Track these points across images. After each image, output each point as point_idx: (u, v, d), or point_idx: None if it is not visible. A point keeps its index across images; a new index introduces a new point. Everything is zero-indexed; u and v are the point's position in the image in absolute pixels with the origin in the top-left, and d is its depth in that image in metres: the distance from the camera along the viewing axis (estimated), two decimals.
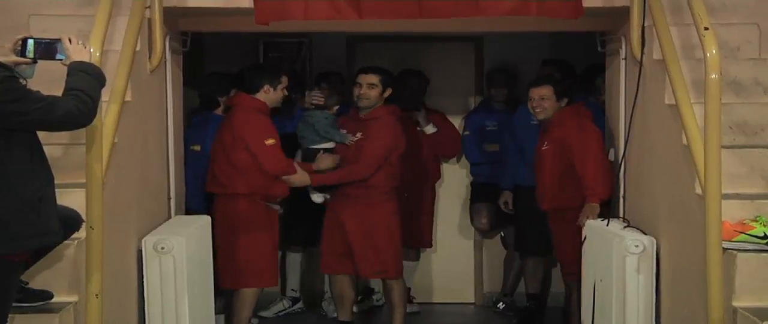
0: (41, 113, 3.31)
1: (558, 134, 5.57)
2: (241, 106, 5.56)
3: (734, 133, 4.47)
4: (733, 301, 3.96)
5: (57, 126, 3.47)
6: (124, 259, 4.63)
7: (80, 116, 3.40)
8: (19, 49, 3.48)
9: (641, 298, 4.65)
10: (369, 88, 5.69)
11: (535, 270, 6.41)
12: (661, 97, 4.64)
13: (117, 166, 4.41)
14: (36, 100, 3.32)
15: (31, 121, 3.34)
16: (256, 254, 5.54)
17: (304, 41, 7.40)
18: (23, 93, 3.31)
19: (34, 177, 3.40)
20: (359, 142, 5.70)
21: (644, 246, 4.65)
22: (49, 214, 3.45)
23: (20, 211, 3.33)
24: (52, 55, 3.53)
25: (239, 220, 5.51)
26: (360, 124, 5.75)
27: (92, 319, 4.01)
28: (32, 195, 3.37)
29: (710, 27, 4.05)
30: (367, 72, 5.75)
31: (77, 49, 3.55)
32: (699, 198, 4.11)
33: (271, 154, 5.47)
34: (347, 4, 4.87)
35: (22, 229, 3.34)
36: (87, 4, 4.76)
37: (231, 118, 5.58)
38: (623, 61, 5.25)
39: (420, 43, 7.24)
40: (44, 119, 3.34)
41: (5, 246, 3.33)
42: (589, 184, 5.37)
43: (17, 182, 3.33)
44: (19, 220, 3.33)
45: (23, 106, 3.28)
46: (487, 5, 4.89)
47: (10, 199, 3.31)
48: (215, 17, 5.46)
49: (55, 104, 3.34)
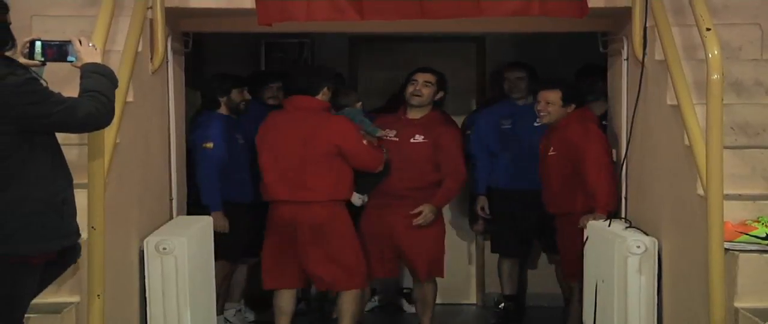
0: (63, 115, 3.32)
1: (563, 139, 5.55)
2: (308, 108, 5.50)
3: (736, 133, 4.46)
4: (734, 302, 3.96)
5: (78, 128, 3.47)
6: (125, 259, 4.63)
7: (100, 117, 3.42)
8: (27, 51, 3.48)
9: (643, 299, 4.65)
10: (424, 86, 5.71)
11: (511, 271, 6.42)
12: (663, 97, 4.64)
13: (119, 167, 4.41)
14: (58, 102, 3.33)
15: (53, 123, 3.34)
16: (359, 256, 5.58)
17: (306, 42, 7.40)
18: (45, 95, 3.32)
19: (56, 179, 3.41)
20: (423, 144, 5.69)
21: (646, 247, 4.65)
22: (70, 215, 3.46)
23: (43, 213, 3.33)
24: (63, 57, 3.53)
25: (343, 225, 5.50)
26: (415, 126, 5.72)
27: (94, 319, 4.01)
28: (54, 197, 3.38)
29: (712, 27, 4.05)
30: (425, 71, 5.78)
31: (88, 50, 3.55)
32: (701, 199, 4.11)
33: (368, 150, 5.51)
34: (349, 5, 4.86)
35: (44, 231, 3.34)
36: (89, 4, 4.76)
37: (302, 120, 5.47)
38: (625, 61, 5.25)
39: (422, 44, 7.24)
40: (66, 121, 3.35)
41: (27, 247, 3.33)
42: (597, 195, 5.33)
43: (40, 184, 3.33)
44: (41, 222, 3.33)
45: (45, 109, 3.28)
46: (489, 6, 4.86)
47: (33, 201, 3.31)
48: (217, 18, 5.46)
49: (76, 106, 3.35)
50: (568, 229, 5.59)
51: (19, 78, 3.26)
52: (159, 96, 5.22)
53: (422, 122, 5.74)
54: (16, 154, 3.28)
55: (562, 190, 5.58)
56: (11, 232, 3.28)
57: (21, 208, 3.29)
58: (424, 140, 5.70)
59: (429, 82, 5.72)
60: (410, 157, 5.68)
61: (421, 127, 5.73)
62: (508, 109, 6.31)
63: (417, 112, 5.76)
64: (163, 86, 5.28)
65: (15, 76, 3.25)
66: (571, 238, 5.51)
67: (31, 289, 3.46)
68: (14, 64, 3.33)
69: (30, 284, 3.44)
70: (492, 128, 6.29)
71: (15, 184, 3.27)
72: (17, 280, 3.37)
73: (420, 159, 5.71)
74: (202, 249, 5.18)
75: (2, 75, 3.23)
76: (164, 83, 5.29)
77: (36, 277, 3.46)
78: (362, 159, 5.49)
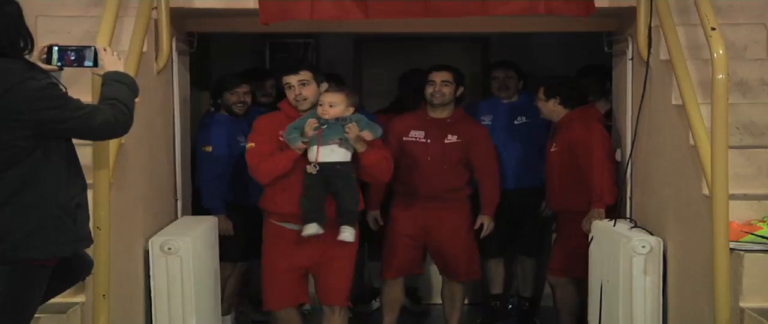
0: (80, 122, 3.33)
1: (566, 136, 5.58)
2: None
3: (741, 133, 4.46)
4: (740, 302, 3.95)
5: (95, 135, 3.49)
6: (130, 259, 4.64)
7: (117, 126, 3.43)
8: (45, 56, 3.49)
9: (648, 299, 4.65)
10: (443, 86, 5.62)
11: (496, 270, 6.44)
12: (668, 97, 4.63)
13: (124, 167, 4.42)
14: (76, 108, 3.34)
15: (69, 129, 3.35)
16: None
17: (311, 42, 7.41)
18: (64, 100, 3.32)
19: (71, 184, 3.42)
20: (457, 144, 5.64)
21: (651, 246, 4.64)
22: (84, 220, 3.47)
23: (58, 217, 3.34)
24: (80, 62, 3.54)
25: None
26: (446, 125, 5.66)
27: (99, 319, 4.02)
28: (70, 201, 3.38)
29: (717, 27, 4.04)
30: (440, 69, 5.65)
31: (112, 59, 3.58)
32: (706, 198, 4.11)
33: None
34: (354, 4, 4.84)
35: (58, 236, 3.35)
36: (94, 4, 4.77)
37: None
38: (630, 61, 5.25)
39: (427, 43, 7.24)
40: (83, 127, 3.36)
41: (41, 251, 3.33)
42: (595, 189, 5.39)
43: (55, 189, 3.34)
44: (55, 226, 3.33)
45: (63, 114, 3.29)
46: (495, 4, 4.84)
47: (48, 205, 3.31)
48: (222, 18, 5.46)
49: (94, 113, 3.36)
50: (566, 226, 5.63)
51: (40, 82, 3.27)
52: (164, 96, 5.22)
53: (452, 122, 5.67)
54: (31, 158, 3.28)
55: (562, 186, 5.61)
56: (25, 235, 3.28)
57: (35, 211, 3.29)
58: (457, 140, 5.65)
59: (447, 81, 5.63)
60: (444, 157, 5.63)
61: (452, 127, 5.66)
62: (490, 107, 6.30)
63: (442, 112, 5.67)
64: (168, 86, 5.29)
65: (35, 81, 3.26)
66: (568, 234, 5.57)
67: (41, 292, 3.47)
68: (35, 68, 3.33)
69: (41, 287, 3.45)
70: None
71: (30, 187, 3.28)
72: (29, 282, 3.37)
73: (454, 159, 5.65)
74: (207, 249, 5.18)
75: (23, 78, 3.24)
76: (169, 83, 5.30)
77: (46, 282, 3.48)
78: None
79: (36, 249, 3.31)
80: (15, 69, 3.24)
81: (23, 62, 3.30)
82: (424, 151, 5.62)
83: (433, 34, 6.70)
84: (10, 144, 3.24)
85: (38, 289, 3.43)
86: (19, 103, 3.21)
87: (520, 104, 6.23)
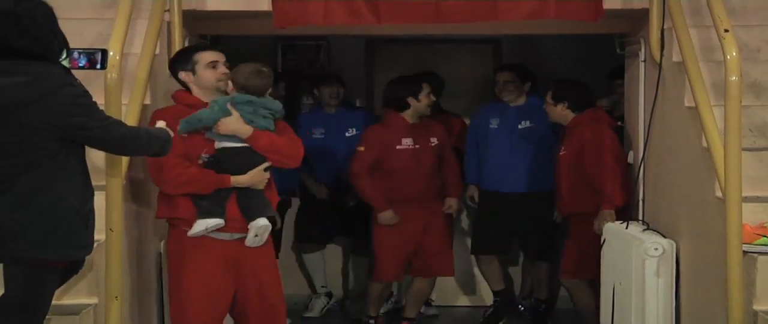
0: (102, 132, 3.40)
1: (574, 139, 5.58)
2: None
3: (754, 135, 4.44)
4: (753, 305, 3.94)
5: (109, 146, 3.55)
6: (143, 261, 4.64)
7: (126, 144, 3.53)
8: None
9: (661, 302, 4.63)
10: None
11: (489, 267, 6.46)
12: (681, 99, 4.62)
13: (136, 169, 4.43)
14: (101, 118, 3.42)
15: (91, 137, 3.41)
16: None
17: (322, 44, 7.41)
18: (93, 109, 3.40)
19: (86, 188, 3.46)
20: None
21: (664, 249, 4.63)
22: (93, 226, 3.51)
23: (72, 220, 3.37)
24: (92, 65, 3.57)
25: None
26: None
27: (112, 321, 4.02)
28: (84, 205, 3.42)
29: (730, 29, 4.03)
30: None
31: None
32: (719, 201, 4.09)
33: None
34: (366, 8, 4.85)
35: (71, 238, 3.38)
36: (107, 7, 4.78)
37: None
38: (642, 63, 5.23)
39: (439, 46, 7.24)
40: (103, 138, 3.43)
41: (55, 253, 3.36)
42: (604, 191, 5.37)
43: (72, 192, 3.37)
44: (69, 228, 3.36)
45: (90, 122, 3.36)
46: (506, 8, 4.84)
47: (64, 208, 3.34)
48: (234, 20, 5.47)
49: (114, 125, 3.46)
50: (577, 227, 5.62)
51: (77, 89, 3.34)
52: None
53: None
54: (54, 161, 3.32)
55: (572, 188, 5.60)
56: (41, 236, 3.31)
57: (53, 213, 3.32)
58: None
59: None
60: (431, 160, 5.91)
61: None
62: (498, 109, 6.31)
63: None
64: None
65: (73, 87, 3.33)
66: (578, 236, 5.57)
67: (52, 294, 3.49)
68: (71, 74, 3.40)
69: (53, 289, 3.48)
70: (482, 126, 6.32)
71: (50, 189, 3.31)
72: (42, 283, 3.40)
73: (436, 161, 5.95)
74: None
75: (62, 84, 3.29)
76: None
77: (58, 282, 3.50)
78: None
79: (50, 250, 3.32)
80: (55, 73, 3.30)
81: (61, 67, 3.36)
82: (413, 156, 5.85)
83: (444, 36, 6.70)
84: (39, 146, 3.28)
85: (50, 290, 3.45)
86: (57, 108, 3.26)
87: (526, 108, 6.21)
